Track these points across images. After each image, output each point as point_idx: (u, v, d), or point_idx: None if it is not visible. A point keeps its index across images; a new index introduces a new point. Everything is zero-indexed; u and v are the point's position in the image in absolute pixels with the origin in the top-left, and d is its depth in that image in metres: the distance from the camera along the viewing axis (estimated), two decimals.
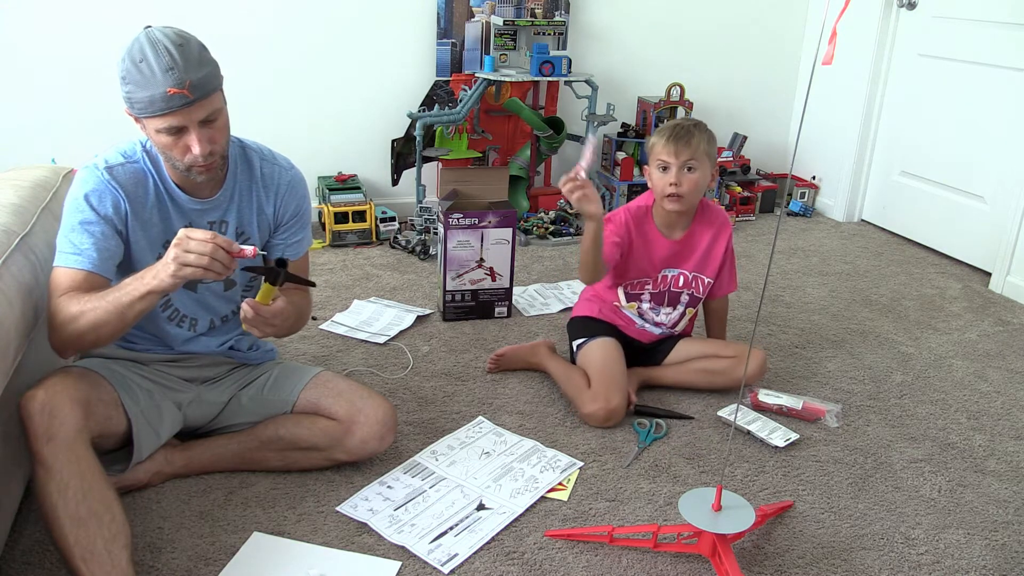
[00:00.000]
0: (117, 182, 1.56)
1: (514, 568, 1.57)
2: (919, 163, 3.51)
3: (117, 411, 1.59)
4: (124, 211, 1.57)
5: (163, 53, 1.46)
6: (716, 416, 2.11)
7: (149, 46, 1.46)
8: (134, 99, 1.49)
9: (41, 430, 1.38)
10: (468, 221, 2.54)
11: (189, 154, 1.52)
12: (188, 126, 1.50)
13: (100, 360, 1.67)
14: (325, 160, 3.47)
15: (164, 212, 1.63)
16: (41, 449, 1.38)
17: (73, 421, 1.42)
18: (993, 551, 1.68)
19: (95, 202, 1.54)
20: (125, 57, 1.48)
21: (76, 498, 1.37)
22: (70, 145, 3.10)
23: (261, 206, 1.73)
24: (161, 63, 1.45)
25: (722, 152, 3.88)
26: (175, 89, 1.45)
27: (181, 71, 1.46)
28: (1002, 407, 2.25)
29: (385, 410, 1.77)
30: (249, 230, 1.73)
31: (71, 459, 1.39)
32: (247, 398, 1.80)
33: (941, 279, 3.19)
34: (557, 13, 3.54)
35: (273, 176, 1.74)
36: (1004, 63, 3.08)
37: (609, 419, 2.03)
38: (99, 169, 1.57)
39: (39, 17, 2.99)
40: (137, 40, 1.48)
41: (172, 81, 1.45)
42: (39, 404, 1.40)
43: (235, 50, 3.22)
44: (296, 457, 1.77)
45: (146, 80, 1.46)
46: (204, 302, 1.74)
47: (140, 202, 1.59)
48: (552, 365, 2.24)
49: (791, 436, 2.01)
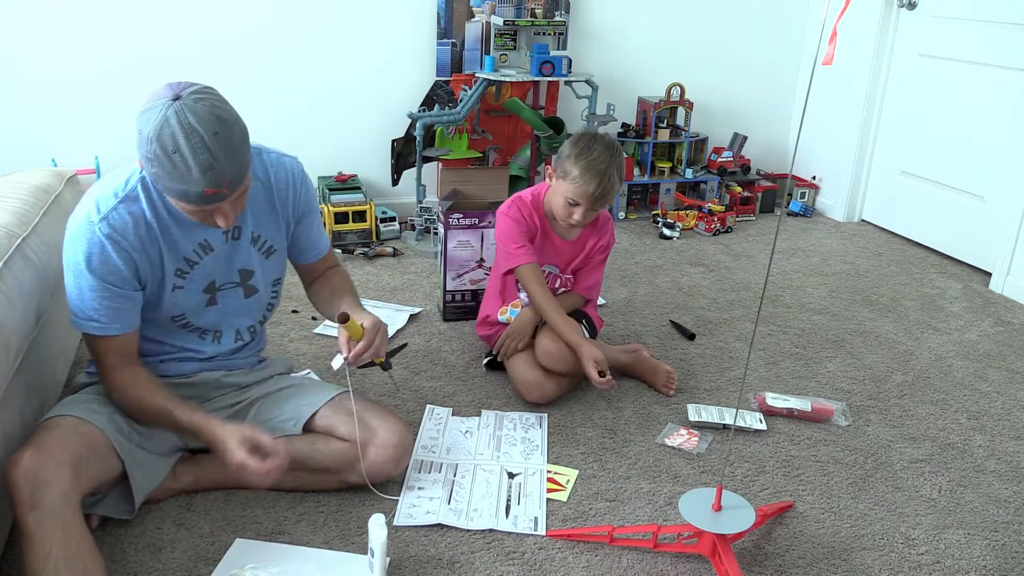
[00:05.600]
0: (118, 233, 1.47)
1: (514, 568, 1.57)
2: (919, 163, 3.51)
3: (112, 457, 1.52)
4: (132, 261, 1.51)
5: (200, 149, 1.32)
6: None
7: (183, 136, 1.31)
8: (164, 185, 1.38)
9: (25, 497, 1.32)
10: (468, 221, 2.54)
11: (213, 222, 1.46)
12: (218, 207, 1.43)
13: (89, 397, 1.60)
14: (325, 160, 3.47)
15: (169, 236, 1.55)
16: (24, 517, 1.31)
17: (59, 486, 1.34)
18: (993, 551, 1.68)
19: (98, 265, 1.47)
20: (152, 139, 1.32)
21: (58, 567, 1.30)
22: (70, 145, 3.11)
23: (277, 206, 1.68)
24: (199, 160, 1.32)
25: (722, 152, 3.88)
26: (213, 189, 1.35)
27: (221, 169, 1.34)
28: (1002, 407, 2.26)
29: (401, 432, 1.72)
30: (265, 233, 1.69)
31: (55, 527, 1.32)
32: (252, 416, 1.75)
33: (941, 279, 3.19)
34: (557, 13, 3.54)
35: (284, 174, 1.68)
36: (1004, 63, 3.08)
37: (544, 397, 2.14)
38: (94, 224, 1.46)
39: (39, 17, 2.99)
40: (167, 123, 1.31)
41: (211, 182, 1.34)
42: (23, 471, 1.33)
43: (235, 50, 3.22)
44: (307, 479, 1.72)
45: (180, 175, 1.34)
46: (226, 312, 1.71)
47: (144, 243, 1.52)
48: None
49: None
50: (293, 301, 2.70)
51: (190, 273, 1.61)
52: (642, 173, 3.75)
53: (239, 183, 1.41)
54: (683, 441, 2.00)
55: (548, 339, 2.11)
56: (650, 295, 2.91)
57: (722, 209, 3.71)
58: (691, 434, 2.03)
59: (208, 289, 1.66)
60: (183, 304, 1.64)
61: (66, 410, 1.52)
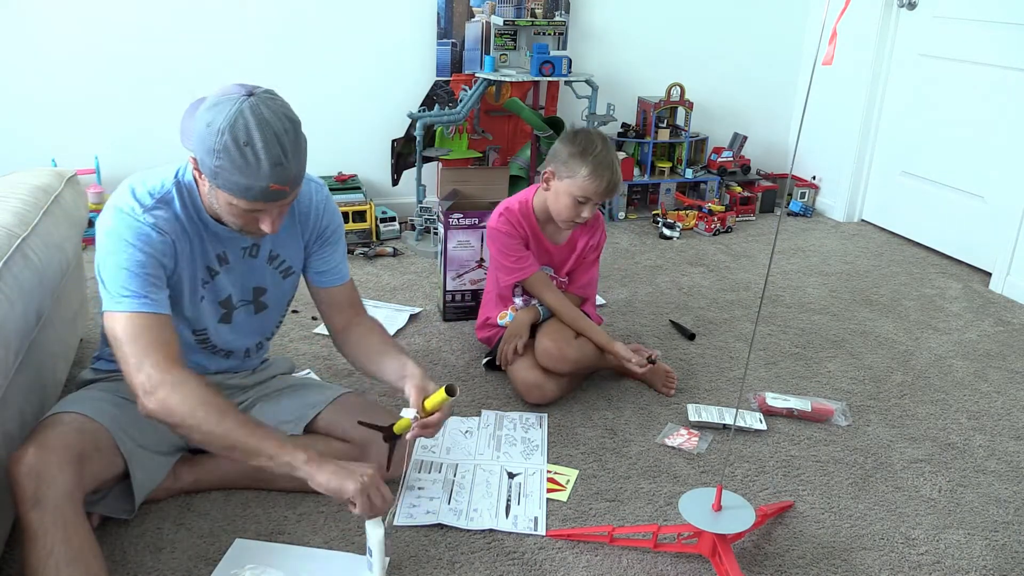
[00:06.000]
0: (159, 227, 1.47)
1: (514, 568, 1.57)
2: (919, 163, 3.51)
3: (114, 455, 1.51)
4: (174, 251, 1.50)
5: (273, 143, 1.33)
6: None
7: (258, 129, 1.33)
8: (225, 179, 1.36)
9: (28, 494, 1.32)
10: (468, 221, 2.54)
11: (256, 227, 1.46)
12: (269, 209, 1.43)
13: (94, 394, 1.59)
14: (325, 160, 3.47)
15: (199, 240, 1.56)
16: (27, 514, 1.31)
17: (62, 483, 1.34)
18: (993, 551, 1.68)
19: (145, 247, 1.45)
20: (225, 130, 1.33)
21: (59, 565, 1.30)
22: (70, 145, 3.11)
23: (297, 226, 1.68)
24: (271, 155, 1.34)
25: (722, 152, 3.88)
26: (279, 186, 1.37)
27: (289, 166, 1.36)
28: (1002, 407, 2.26)
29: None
30: (284, 252, 1.68)
31: (57, 525, 1.31)
32: (255, 416, 1.72)
33: (941, 279, 3.19)
34: (557, 13, 3.54)
35: (307, 196, 1.68)
36: (1004, 63, 3.08)
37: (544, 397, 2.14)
38: (138, 215, 1.46)
39: (39, 18, 2.99)
40: (241, 114, 1.33)
41: (278, 177, 1.36)
42: (26, 468, 1.33)
43: (235, 50, 3.22)
44: None
45: (249, 168, 1.34)
46: (238, 331, 1.71)
47: (179, 241, 1.52)
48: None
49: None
50: (293, 301, 2.69)
51: (211, 283, 1.61)
52: (642, 173, 3.75)
53: (298, 185, 1.44)
54: (683, 441, 2.00)
55: (548, 339, 2.11)
56: (650, 295, 2.91)
57: (722, 209, 3.71)
58: (691, 434, 2.03)
59: (224, 304, 1.66)
60: (205, 317, 1.64)
61: (70, 407, 1.51)
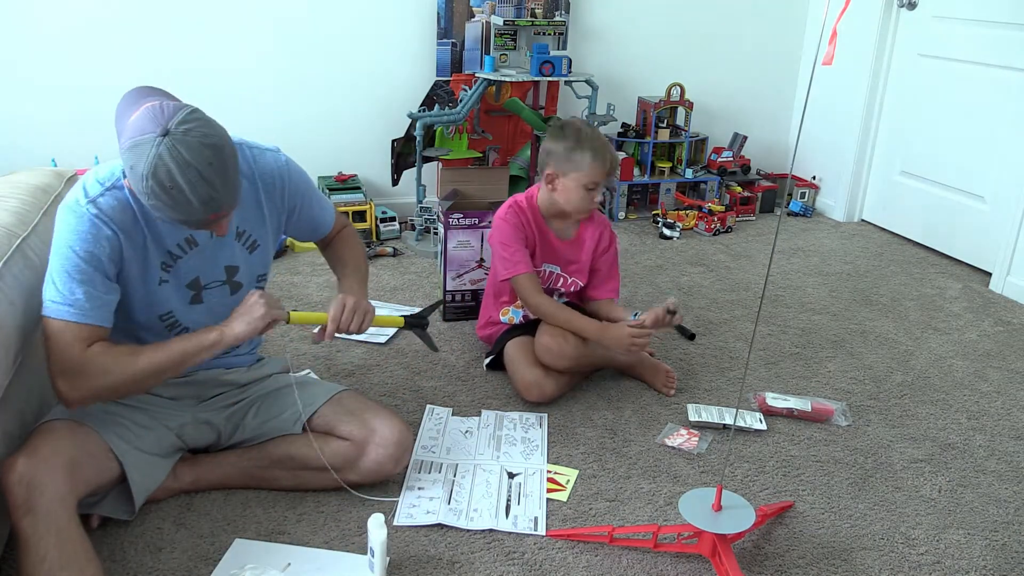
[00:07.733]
0: (105, 215, 1.45)
1: (514, 568, 1.57)
2: (919, 163, 3.51)
3: (109, 460, 1.51)
4: (119, 244, 1.47)
5: (198, 183, 1.32)
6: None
7: (179, 171, 1.31)
8: (163, 215, 1.38)
9: (19, 502, 1.32)
10: (468, 221, 2.54)
11: (208, 230, 1.49)
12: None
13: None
14: (325, 160, 3.47)
15: (154, 228, 1.53)
16: (20, 521, 1.32)
17: (54, 490, 1.34)
18: (993, 551, 1.68)
19: (85, 247, 1.43)
20: (147, 176, 1.31)
21: (52, 571, 1.31)
22: (70, 145, 3.11)
23: (263, 200, 1.66)
24: (199, 194, 1.33)
25: (722, 152, 3.88)
26: (216, 214, 1.38)
27: (220, 195, 1.36)
28: (1002, 407, 2.26)
29: (400, 431, 1.72)
30: (250, 228, 1.66)
31: (50, 531, 1.32)
32: (252, 416, 1.74)
33: (941, 279, 3.19)
34: (557, 13, 3.54)
35: (268, 167, 1.66)
36: (1004, 63, 3.08)
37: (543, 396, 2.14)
38: (82, 206, 1.45)
39: (39, 18, 2.99)
40: (160, 159, 1.31)
41: (213, 208, 1.37)
42: (17, 476, 1.33)
43: (235, 50, 3.22)
44: (307, 477, 1.72)
45: (179, 206, 1.35)
46: (212, 311, 1.67)
47: (129, 228, 1.49)
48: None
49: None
50: (293, 301, 2.70)
51: (173, 267, 1.59)
52: (642, 173, 3.75)
53: (237, 200, 1.44)
54: (683, 441, 2.00)
55: (547, 335, 2.11)
56: (650, 295, 2.91)
57: (722, 209, 3.71)
58: (691, 434, 2.03)
59: (192, 286, 1.63)
60: (169, 301, 1.61)
61: (61, 413, 1.52)
